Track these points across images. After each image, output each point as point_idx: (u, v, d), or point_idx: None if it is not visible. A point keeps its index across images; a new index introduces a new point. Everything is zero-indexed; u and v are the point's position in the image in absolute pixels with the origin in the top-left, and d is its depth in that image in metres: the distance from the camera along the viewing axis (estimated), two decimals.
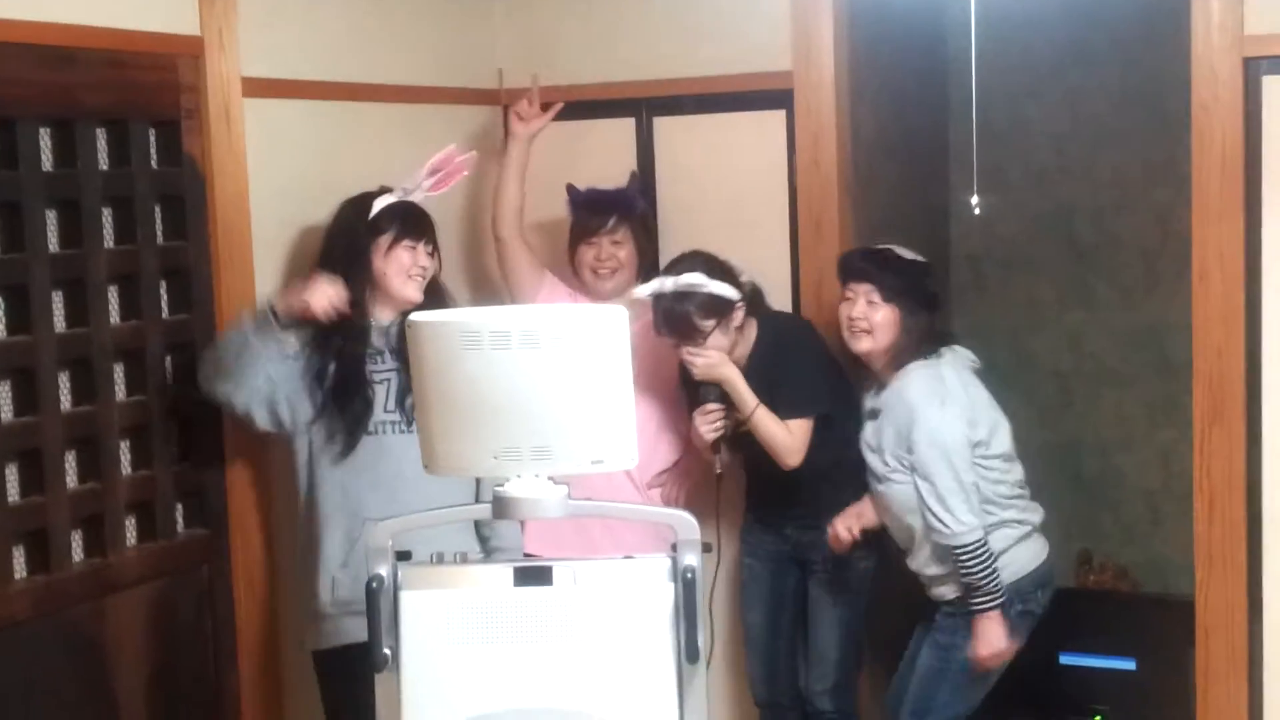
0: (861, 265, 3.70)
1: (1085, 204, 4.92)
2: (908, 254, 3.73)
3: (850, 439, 3.82)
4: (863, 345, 3.67)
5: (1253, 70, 3.59)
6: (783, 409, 3.74)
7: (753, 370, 3.79)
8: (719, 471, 3.88)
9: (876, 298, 3.63)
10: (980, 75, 3.32)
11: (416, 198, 3.52)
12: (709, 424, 3.79)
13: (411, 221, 3.47)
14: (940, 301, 3.77)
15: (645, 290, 3.76)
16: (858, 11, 4.15)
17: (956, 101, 4.85)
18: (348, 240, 3.45)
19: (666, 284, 3.70)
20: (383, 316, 3.46)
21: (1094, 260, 4.87)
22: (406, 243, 3.44)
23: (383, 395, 3.39)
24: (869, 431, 3.72)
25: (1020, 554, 3.66)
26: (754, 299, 3.87)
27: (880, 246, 3.75)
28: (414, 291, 3.44)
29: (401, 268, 3.44)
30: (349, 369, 3.37)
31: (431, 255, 3.50)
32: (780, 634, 4.04)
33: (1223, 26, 3.59)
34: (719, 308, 3.72)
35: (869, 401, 3.75)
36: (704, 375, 3.74)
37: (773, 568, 4.01)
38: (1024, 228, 4.98)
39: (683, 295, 3.69)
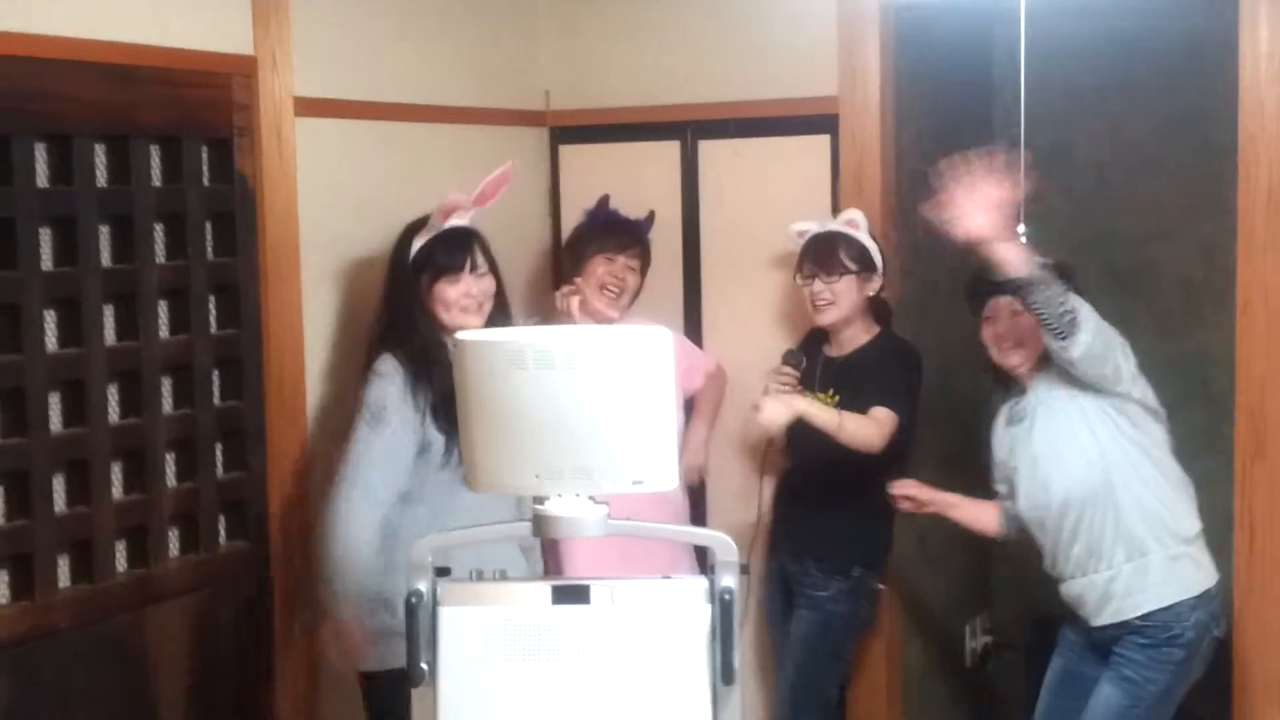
0: (990, 283, 3.53)
1: (1126, 232, 4.91)
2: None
3: (867, 488, 3.84)
4: (1013, 361, 3.58)
5: None
6: (874, 396, 3.77)
7: (855, 362, 3.87)
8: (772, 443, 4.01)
9: (1018, 306, 3.47)
10: (1025, 102, 3.33)
11: (465, 219, 3.51)
12: (779, 381, 3.81)
13: (444, 256, 3.43)
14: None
15: (803, 225, 3.96)
16: (904, 38, 4.17)
17: (1000, 128, 4.85)
18: (396, 280, 3.47)
19: (829, 223, 3.92)
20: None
21: (1134, 289, 4.84)
22: (446, 279, 3.43)
23: None
24: (1005, 441, 3.62)
25: (1202, 556, 3.51)
26: (885, 307, 4.00)
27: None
28: (469, 320, 3.41)
29: (448, 303, 3.42)
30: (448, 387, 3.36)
31: (483, 276, 3.48)
32: None
33: (1271, 56, 3.58)
34: (865, 260, 3.87)
35: (1011, 409, 3.63)
36: (783, 417, 3.70)
37: (780, 593, 4.09)
38: (1065, 254, 4.97)
39: (838, 234, 3.88)
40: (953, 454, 4.83)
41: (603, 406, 2.50)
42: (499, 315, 3.49)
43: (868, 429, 3.74)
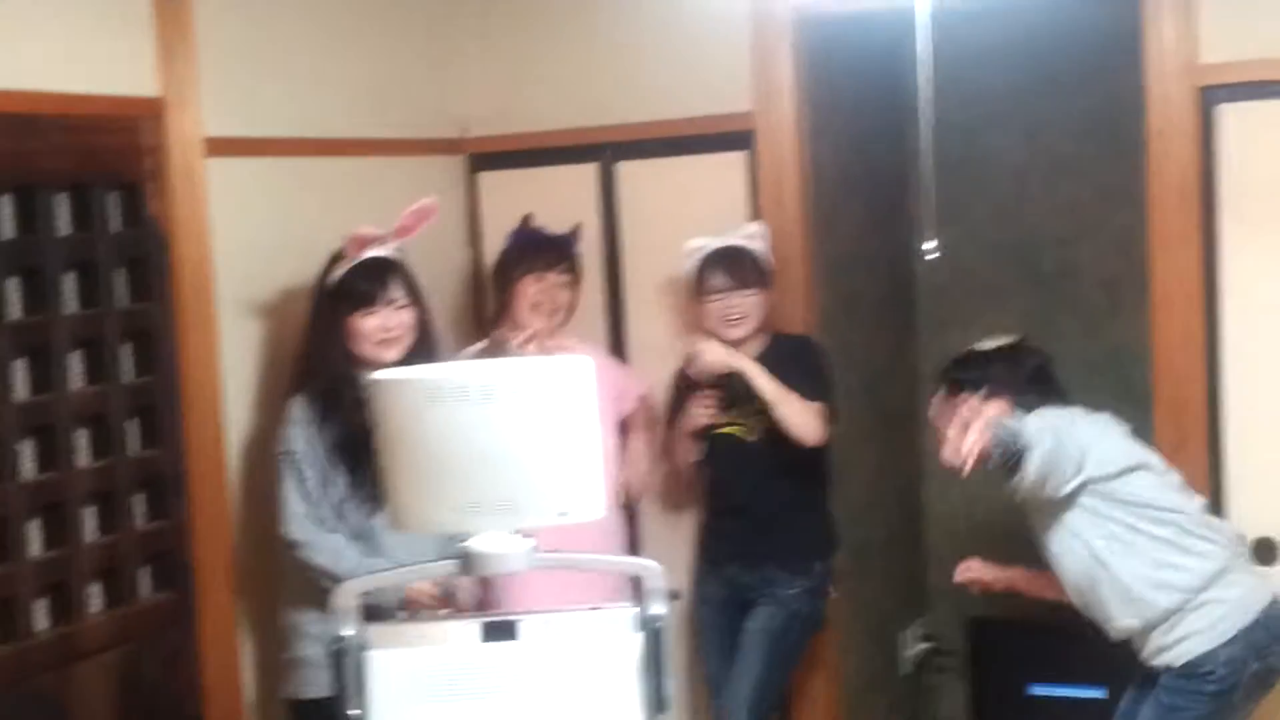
0: (945, 376, 3.60)
1: (1047, 234, 4.95)
2: (990, 344, 3.62)
3: (809, 484, 3.90)
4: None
5: (1207, 98, 3.62)
6: (802, 391, 3.80)
7: (769, 367, 3.85)
8: (693, 460, 4.03)
9: (975, 402, 3.43)
10: (938, 109, 3.34)
11: (386, 250, 3.48)
12: (704, 408, 3.88)
13: (359, 287, 3.41)
14: (1047, 374, 3.58)
15: (701, 241, 3.97)
16: (816, 51, 4.18)
17: (916, 137, 4.88)
18: (314, 310, 3.46)
19: (730, 238, 3.94)
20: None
21: (1057, 289, 4.88)
22: (360, 312, 3.40)
23: None
24: (1035, 527, 3.54)
25: (1229, 594, 3.40)
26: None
27: (967, 352, 3.65)
28: (387, 354, 3.38)
29: (363, 336, 3.40)
30: (359, 424, 3.23)
31: (402, 308, 3.44)
32: None
33: (1176, 55, 3.63)
34: (765, 273, 3.92)
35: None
36: (721, 360, 3.81)
37: (722, 613, 4.03)
38: (987, 259, 5.01)
39: (742, 248, 3.93)
40: (884, 460, 4.86)
41: (524, 439, 2.48)
42: (423, 348, 3.45)
43: (810, 415, 3.78)
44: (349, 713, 2.56)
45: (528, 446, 2.48)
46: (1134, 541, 3.39)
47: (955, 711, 5.05)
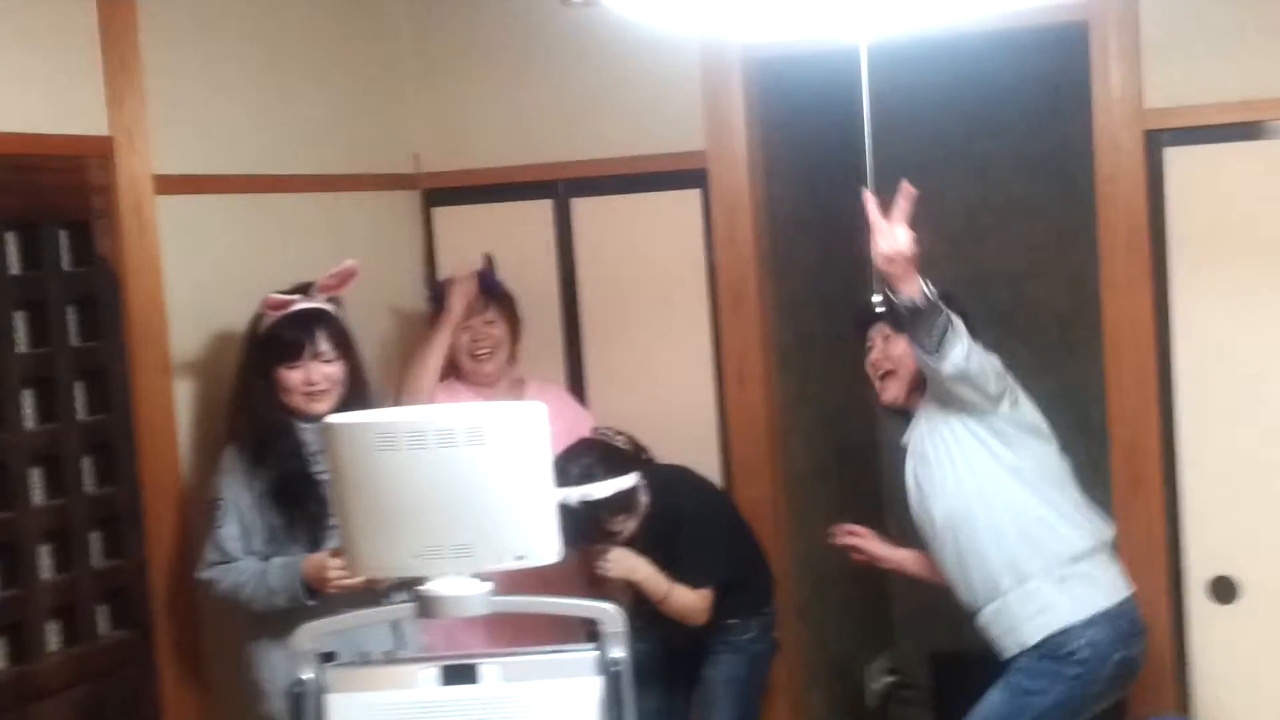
0: (868, 308, 3.52)
1: (1000, 271, 4.99)
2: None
3: (742, 553, 3.95)
4: (889, 394, 3.57)
5: (1154, 142, 3.66)
6: (690, 579, 3.78)
7: (650, 538, 3.80)
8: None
9: (889, 331, 3.54)
10: (889, 147, 3.36)
11: (316, 301, 3.45)
12: (605, 569, 3.79)
13: (284, 340, 3.36)
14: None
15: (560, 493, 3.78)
16: (768, 90, 4.20)
17: (870, 173, 4.92)
18: (246, 361, 3.44)
19: (571, 496, 3.56)
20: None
21: (1011, 326, 4.92)
22: (285, 365, 3.36)
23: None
24: (908, 472, 3.58)
25: (1098, 573, 3.43)
26: (641, 461, 3.85)
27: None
28: (318, 406, 3.35)
29: (289, 389, 3.37)
30: (293, 471, 3.33)
31: (330, 361, 3.39)
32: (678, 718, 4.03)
33: (1123, 99, 3.67)
34: (628, 503, 3.76)
35: (905, 438, 3.61)
36: (619, 575, 3.75)
37: (662, 654, 3.93)
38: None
39: (590, 504, 3.65)
40: (844, 495, 4.87)
41: (480, 483, 2.48)
42: (355, 400, 3.35)
43: (693, 611, 3.78)
44: None
45: (484, 491, 2.49)
46: (1020, 492, 3.40)
47: None
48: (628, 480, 3.72)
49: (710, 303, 4.21)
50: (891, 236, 3.12)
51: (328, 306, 3.46)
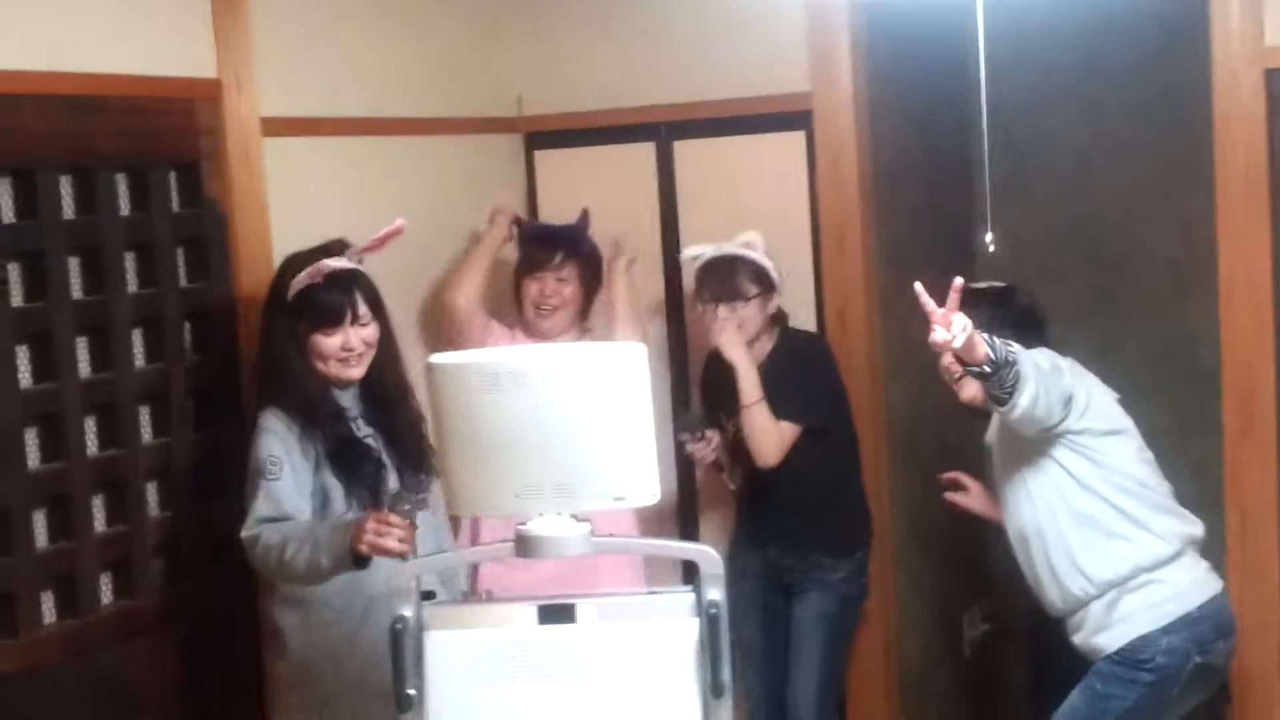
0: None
1: (1109, 215, 4.89)
2: (982, 284, 3.53)
3: (844, 469, 3.94)
4: (966, 393, 3.45)
5: (1275, 81, 3.56)
6: (780, 408, 3.83)
7: (763, 374, 3.87)
8: (733, 488, 4.06)
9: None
10: (999, 89, 3.29)
11: (345, 263, 3.24)
12: (700, 452, 3.92)
13: (323, 305, 3.18)
14: (1035, 318, 3.51)
15: (696, 250, 3.94)
16: (875, 31, 4.14)
17: (977, 118, 4.84)
18: (272, 325, 3.24)
19: (725, 246, 3.88)
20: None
21: (1119, 271, 4.83)
22: (323, 330, 3.19)
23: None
24: (992, 473, 3.55)
25: (1179, 577, 3.33)
26: (780, 314, 3.99)
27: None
28: (349, 372, 3.22)
29: (324, 355, 3.20)
30: (345, 435, 3.21)
31: (365, 325, 3.23)
32: (776, 653, 4.05)
33: (1243, 36, 3.56)
34: (764, 280, 3.88)
35: (987, 437, 3.57)
36: (723, 343, 3.83)
37: (762, 586, 4.02)
38: (1049, 241, 4.95)
39: (736, 258, 3.86)
40: (947, 442, 4.80)
41: (579, 424, 2.49)
42: (387, 363, 3.29)
43: (767, 437, 3.81)
44: (405, 691, 2.57)
45: (583, 431, 2.49)
46: (1093, 504, 3.32)
47: (1019, 695, 5.01)
48: (773, 268, 3.89)
49: (813, 247, 4.17)
50: (945, 326, 2.99)
51: (359, 266, 3.28)
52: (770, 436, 3.82)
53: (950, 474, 3.79)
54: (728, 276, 3.87)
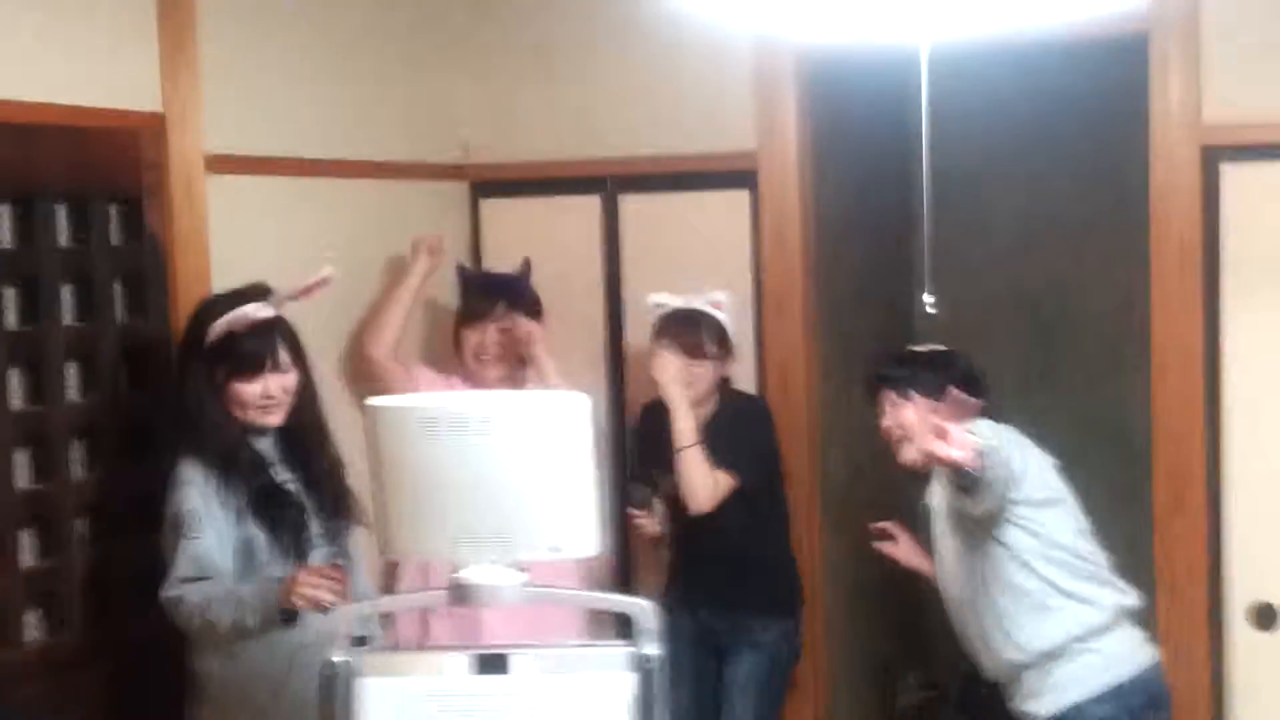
0: (875, 374, 3.56)
1: (1047, 284, 4.95)
2: (923, 348, 3.58)
3: (774, 530, 3.95)
4: (906, 456, 3.45)
5: (1211, 158, 3.61)
6: (719, 459, 3.84)
7: (705, 431, 3.88)
8: (665, 549, 4.07)
9: (895, 397, 3.47)
10: (941, 155, 3.33)
11: (267, 310, 3.16)
12: (648, 528, 3.92)
13: (242, 352, 3.11)
14: (978, 384, 3.47)
15: (664, 298, 3.93)
16: (820, 91, 4.18)
17: (918, 182, 4.90)
18: (188, 370, 3.16)
19: (694, 300, 3.90)
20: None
21: (1055, 341, 4.88)
22: (240, 380, 3.11)
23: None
24: (932, 537, 3.55)
25: (1112, 647, 3.33)
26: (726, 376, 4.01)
27: (901, 352, 3.63)
28: (271, 419, 3.16)
29: (244, 403, 3.13)
30: (266, 483, 3.14)
31: (286, 371, 3.16)
32: (705, 716, 4.01)
33: (1182, 113, 3.62)
34: (724, 343, 3.92)
35: (925, 499, 3.58)
36: (664, 380, 3.84)
37: (692, 649, 3.97)
38: (988, 307, 5.00)
39: (702, 314, 3.89)
40: (884, 507, 4.81)
41: (520, 472, 2.47)
42: (306, 406, 3.24)
43: (700, 481, 3.81)
44: None
45: (523, 479, 2.47)
46: (1028, 579, 3.31)
47: None
48: (724, 316, 3.91)
49: (755, 307, 4.18)
50: (961, 445, 3.00)
51: (280, 313, 3.20)
52: (704, 481, 3.81)
53: (880, 524, 3.79)
54: (690, 331, 3.88)
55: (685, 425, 3.82)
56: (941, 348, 3.59)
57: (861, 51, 4.05)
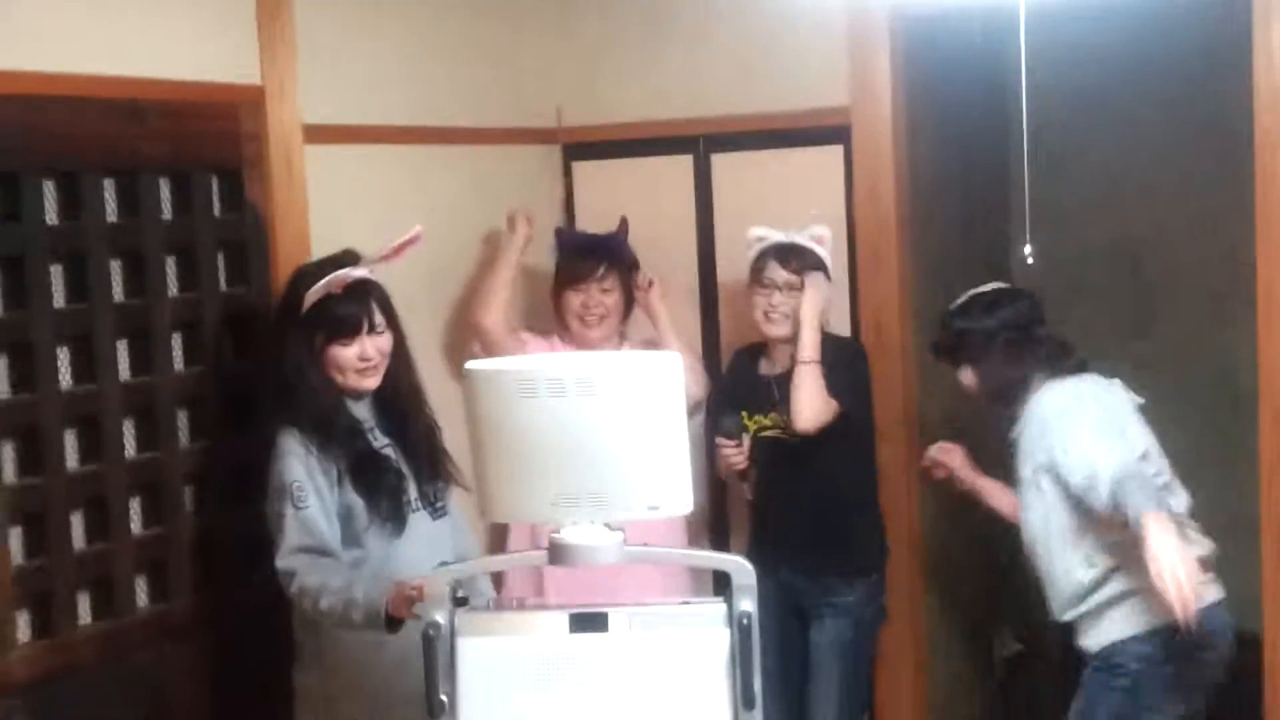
0: (934, 344, 3.73)
1: (1145, 236, 4.87)
2: (988, 288, 3.69)
3: (861, 479, 3.97)
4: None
5: None
6: (825, 386, 3.82)
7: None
8: (749, 498, 4.02)
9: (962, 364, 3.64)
10: (1037, 107, 3.29)
11: (361, 272, 3.21)
12: (734, 457, 3.89)
13: (339, 316, 3.16)
14: (1027, 319, 3.61)
15: (764, 231, 3.94)
16: (915, 46, 4.14)
17: (1014, 135, 4.83)
18: (286, 337, 3.20)
19: (795, 235, 3.91)
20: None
21: (1157, 293, 4.81)
22: (340, 342, 3.17)
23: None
24: (1020, 470, 3.60)
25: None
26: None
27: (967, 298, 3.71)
28: (365, 383, 3.21)
29: (342, 367, 3.18)
30: (364, 449, 3.19)
31: (381, 334, 3.21)
32: (791, 680, 4.01)
33: None
34: (819, 261, 3.91)
35: (1013, 434, 3.61)
36: (814, 299, 3.84)
37: (775, 613, 3.86)
38: (1084, 261, 4.94)
39: (805, 249, 3.90)
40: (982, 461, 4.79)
41: (615, 432, 2.48)
42: (401, 371, 3.28)
43: (814, 397, 3.78)
44: (438, 698, 2.57)
45: (619, 440, 2.49)
46: (1089, 522, 3.38)
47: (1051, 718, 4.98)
48: (825, 251, 3.92)
49: (849, 262, 4.17)
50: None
51: (373, 276, 3.25)
52: (818, 396, 3.78)
53: (929, 454, 3.89)
54: (795, 260, 3.88)
55: (811, 340, 3.80)
56: (1004, 285, 3.69)
57: (956, 6, 4.02)
